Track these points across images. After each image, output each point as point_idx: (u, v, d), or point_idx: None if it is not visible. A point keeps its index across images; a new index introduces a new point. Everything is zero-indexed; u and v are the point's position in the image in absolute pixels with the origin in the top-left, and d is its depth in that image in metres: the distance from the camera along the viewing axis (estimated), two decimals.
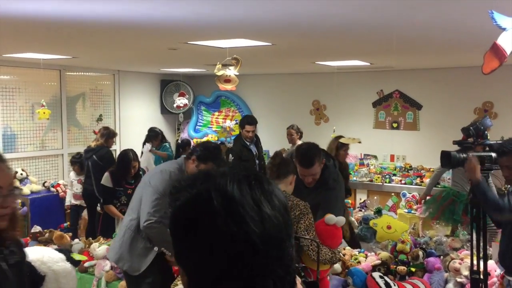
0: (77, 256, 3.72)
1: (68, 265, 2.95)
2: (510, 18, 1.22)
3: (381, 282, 2.91)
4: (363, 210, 6.60)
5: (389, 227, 4.64)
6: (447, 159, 2.97)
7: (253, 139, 6.62)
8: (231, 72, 4.77)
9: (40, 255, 2.79)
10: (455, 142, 3.08)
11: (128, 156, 4.88)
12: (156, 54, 5.83)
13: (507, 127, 6.66)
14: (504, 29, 1.20)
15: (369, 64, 6.74)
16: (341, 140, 5.46)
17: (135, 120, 8.63)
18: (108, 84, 8.42)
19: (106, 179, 4.83)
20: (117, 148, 7.61)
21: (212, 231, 0.78)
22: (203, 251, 0.80)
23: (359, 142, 5.86)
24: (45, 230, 4.53)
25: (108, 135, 5.95)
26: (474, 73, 5.31)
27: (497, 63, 1.24)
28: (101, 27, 3.72)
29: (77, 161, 6.27)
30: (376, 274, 3.06)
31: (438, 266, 3.90)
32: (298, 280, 1.14)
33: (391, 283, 2.99)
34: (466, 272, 3.75)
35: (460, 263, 3.84)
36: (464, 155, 2.92)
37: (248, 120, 6.59)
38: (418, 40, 4.45)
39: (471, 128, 3.00)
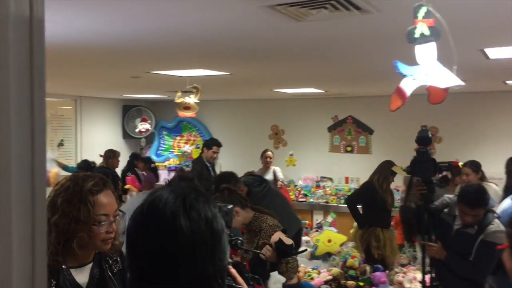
0: None
1: None
2: (410, 66, 1.53)
3: None
4: (319, 230, 6.89)
5: (329, 241, 4.96)
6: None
7: (214, 161, 6.87)
8: (191, 100, 5.02)
9: None
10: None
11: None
12: (118, 81, 6.02)
13: (451, 150, 7.17)
14: (405, 75, 1.51)
15: (323, 91, 7.14)
16: (394, 169, 5.26)
17: (97, 145, 8.70)
18: (70, 109, 8.49)
19: None
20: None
21: (136, 236, 1.02)
22: (129, 252, 1.04)
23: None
24: None
25: (108, 156, 6.32)
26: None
27: (400, 103, 1.54)
28: (62, 53, 3.82)
29: None
30: (324, 287, 3.31)
31: (384, 280, 4.21)
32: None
33: None
34: (408, 285, 4.08)
35: (403, 276, 4.16)
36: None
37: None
38: (361, 71, 4.84)
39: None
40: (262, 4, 2.27)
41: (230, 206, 1.41)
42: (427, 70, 1.49)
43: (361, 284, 4.21)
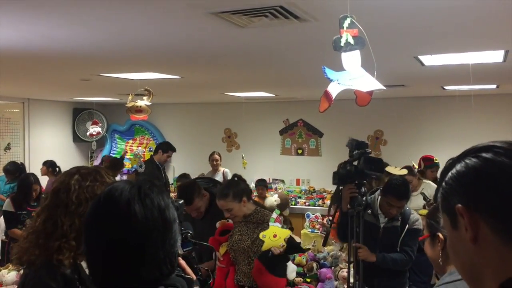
0: None
1: None
2: (336, 72, 1.69)
3: None
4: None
5: (274, 236, 5.11)
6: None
7: (165, 164, 6.96)
8: (143, 102, 5.06)
9: None
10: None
11: (29, 179, 4.98)
12: (68, 84, 5.97)
13: (395, 152, 7.53)
14: (331, 80, 1.67)
15: (274, 95, 7.32)
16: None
17: (45, 149, 8.52)
18: (17, 112, 8.28)
19: (7, 205, 4.88)
20: None
21: (93, 222, 1.12)
22: (86, 238, 1.13)
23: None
24: None
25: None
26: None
27: (327, 105, 1.71)
28: (9, 56, 3.79)
29: None
30: None
31: (329, 275, 4.40)
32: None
33: None
34: (352, 279, 4.28)
35: (347, 272, 4.36)
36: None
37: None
38: (305, 76, 5.03)
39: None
40: (206, 11, 2.38)
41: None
42: (351, 75, 1.65)
43: (308, 280, 4.38)
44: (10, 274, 4.15)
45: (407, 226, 3.31)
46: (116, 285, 1.07)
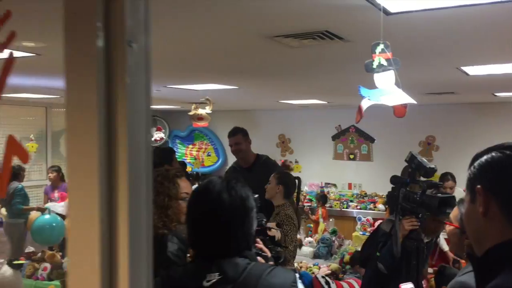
0: None
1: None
2: (369, 90, 2.03)
3: (322, 281, 3.64)
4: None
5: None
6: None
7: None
8: (204, 111, 5.56)
9: None
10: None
11: None
12: None
13: (447, 158, 7.62)
14: (363, 97, 2.03)
15: (326, 102, 7.64)
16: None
17: None
18: None
19: None
20: None
21: (193, 205, 1.55)
22: (188, 218, 1.55)
23: None
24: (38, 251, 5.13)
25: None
26: (419, 110, 6.20)
27: (359, 117, 2.06)
28: None
29: None
30: (319, 276, 3.79)
31: None
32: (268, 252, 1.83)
33: (330, 281, 3.73)
34: None
35: None
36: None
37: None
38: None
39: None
40: (263, 35, 2.79)
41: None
42: (382, 92, 1.97)
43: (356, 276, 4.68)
44: None
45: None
46: (207, 250, 1.48)
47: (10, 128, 7.57)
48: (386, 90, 1.98)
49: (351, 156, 8.77)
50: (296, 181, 3.81)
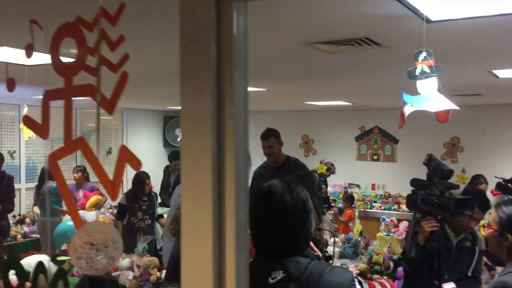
0: None
1: None
2: (411, 96, 2.10)
3: (355, 280, 3.70)
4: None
5: None
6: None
7: None
8: None
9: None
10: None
11: (141, 177, 5.68)
12: (161, 95, 6.73)
13: (472, 159, 7.60)
14: (406, 103, 2.10)
15: (350, 104, 7.69)
16: None
17: (140, 153, 9.34)
18: (117, 120, 9.29)
19: (121, 199, 5.61)
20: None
21: (256, 208, 1.60)
22: (251, 220, 1.63)
23: None
24: None
25: None
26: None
27: (402, 122, 2.14)
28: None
29: None
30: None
31: None
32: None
33: (363, 281, 3.78)
34: None
35: None
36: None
37: None
38: (381, 87, 5.39)
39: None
40: (303, 42, 2.87)
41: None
42: (425, 99, 2.04)
43: (385, 277, 4.74)
44: (125, 260, 4.88)
45: (477, 247, 2.97)
46: (271, 250, 1.56)
47: None
48: (428, 96, 2.05)
49: (375, 157, 8.80)
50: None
